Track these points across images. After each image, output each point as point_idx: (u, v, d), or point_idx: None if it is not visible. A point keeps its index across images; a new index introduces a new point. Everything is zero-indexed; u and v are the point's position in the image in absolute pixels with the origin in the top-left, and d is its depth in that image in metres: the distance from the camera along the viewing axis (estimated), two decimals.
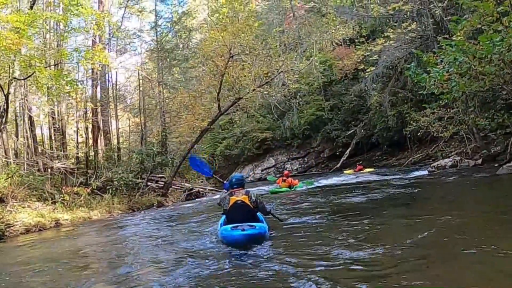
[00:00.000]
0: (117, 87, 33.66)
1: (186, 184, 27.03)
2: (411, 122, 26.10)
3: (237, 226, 7.52)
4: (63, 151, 22.16)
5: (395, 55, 30.58)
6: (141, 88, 34.47)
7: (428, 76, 14.07)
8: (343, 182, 22.69)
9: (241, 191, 8.32)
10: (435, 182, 16.36)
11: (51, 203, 17.35)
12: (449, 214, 7.92)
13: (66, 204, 17.45)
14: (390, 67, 33.41)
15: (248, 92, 22.27)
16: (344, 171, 34.10)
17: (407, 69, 15.15)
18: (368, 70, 33.35)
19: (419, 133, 27.31)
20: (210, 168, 12.58)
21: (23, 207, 15.90)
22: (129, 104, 40.19)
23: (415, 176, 19.90)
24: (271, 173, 46.23)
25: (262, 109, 45.41)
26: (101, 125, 27.96)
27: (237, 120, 49.44)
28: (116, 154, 29.74)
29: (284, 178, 22.12)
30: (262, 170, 48.22)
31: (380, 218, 8.96)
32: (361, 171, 30.87)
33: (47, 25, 19.63)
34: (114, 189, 20.45)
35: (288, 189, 20.99)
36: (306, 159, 47.78)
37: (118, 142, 31.76)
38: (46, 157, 20.72)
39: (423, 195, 12.88)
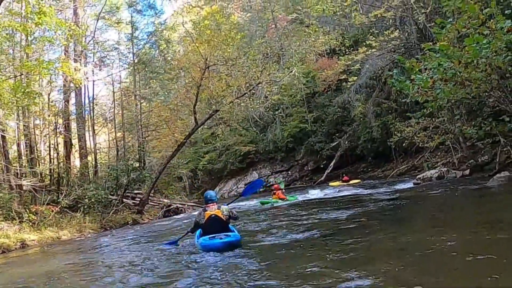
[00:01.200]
0: (94, 101, 32.67)
1: (164, 200, 26.05)
2: (395, 132, 25.65)
3: (214, 236, 8.65)
4: (31, 168, 21.02)
5: (378, 64, 30.06)
6: (117, 102, 33.64)
7: (411, 83, 13.29)
8: (325, 197, 21.88)
9: (214, 206, 9.29)
10: (420, 196, 15.33)
11: (19, 222, 16.38)
12: (434, 235, 7.12)
13: (33, 224, 16.49)
14: (374, 77, 33.13)
15: (226, 104, 21.46)
16: (330, 183, 33.55)
17: (389, 76, 14.36)
18: (351, 81, 32.86)
19: (404, 144, 26.73)
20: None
21: None
22: (108, 118, 39.24)
23: (399, 189, 18.95)
24: None
25: (245, 122, 44.97)
26: (75, 141, 27.06)
27: (219, 133, 48.84)
28: (93, 170, 28.79)
29: (275, 191, 22.80)
30: (245, 184, 47.25)
31: (361, 237, 8.09)
32: (348, 182, 31.03)
33: (7, 35, 18.48)
34: (86, 207, 19.40)
35: (278, 200, 21.63)
36: (290, 172, 47.22)
37: (95, 158, 30.59)
38: (14, 174, 19.61)
39: (407, 212, 11.81)
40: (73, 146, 26.08)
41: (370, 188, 23.04)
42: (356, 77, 33.10)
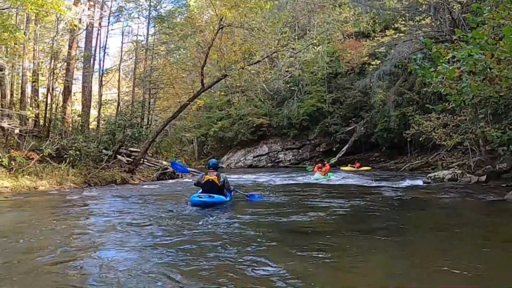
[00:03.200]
0: (105, 50, 31.32)
1: (163, 162, 24.90)
2: (413, 125, 24.32)
3: (202, 195, 10.90)
4: (18, 111, 19.71)
5: (404, 52, 28.61)
6: (130, 56, 32.58)
7: (435, 71, 11.91)
8: (329, 183, 20.58)
9: (214, 172, 11.38)
10: (428, 199, 13.24)
11: None
12: (442, 256, 5.85)
13: (10, 170, 15.42)
14: (399, 65, 31.67)
15: (236, 69, 20.19)
16: (341, 168, 32.90)
17: (412, 60, 12.99)
18: (374, 64, 31.50)
19: (420, 139, 25.47)
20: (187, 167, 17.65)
21: None
22: (121, 71, 38.18)
23: (408, 186, 17.35)
24: (262, 161, 46.33)
25: (262, 94, 43.95)
26: (78, 88, 25.95)
27: (235, 102, 47.74)
28: (96, 123, 27.59)
29: (323, 168, 24.85)
30: (254, 157, 46.82)
31: (336, 239, 6.91)
32: (359, 168, 31.78)
33: None
34: (71, 158, 18.18)
35: (325, 177, 23.26)
36: (301, 151, 46.50)
37: (99, 111, 29.29)
38: None
39: (414, 217, 10.05)
40: (71, 94, 24.64)
41: (379, 179, 21.86)
42: (379, 61, 31.99)
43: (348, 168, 33.25)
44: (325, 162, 26.56)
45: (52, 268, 5.14)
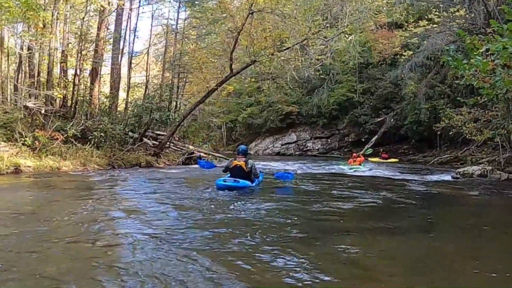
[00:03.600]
0: (136, 33, 31.18)
1: (190, 146, 24.87)
2: (443, 118, 24.00)
3: (227, 180, 11.26)
4: (45, 91, 19.66)
5: (437, 43, 28.12)
6: (160, 40, 32.53)
7: (468, 64, 11.62)
8: (354, 173, 20.35)
9: (242, 158, 11.75)
10: (458, 196, 12.76)
11: (21, 145, 15.43)
12: (470, 256, 5.66)
13: (34, 149, 15.51)
14: (431, 57, 31.13)
15: (265, 55, 20.00)
16: (369, 159, 32.52)
17: (446, 50, 12.69)
18: (406, 55, 31.17)
19: (451, 132, 25.02)
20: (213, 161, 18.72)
21: None
22: (152, 55, 38.19)
23: (436, 181, 16.86)
24: (290, 149, 46.07)
25: (292, 82, 43.84)
26: (107, 70, 25.96)
27: (265, 88, 47.56)
28: (124, 105, 27.63)
29: (356, 158, 24.98)
30: (282, 145, 46.71)
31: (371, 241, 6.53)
32: (387, 160, 31.73)
33: None
34: (96, 140, 18.21)
35: (360, 167, 23.40)
36: (329, 140, 46.33)
37: (127, 93, 29.20)
38: (24, 96, 18.38)
39: (442, 213, 9.44)
40: (98, 76, 24.59)
41: (407, 172, 21.57)
42: (411, 51, 31.81)
43: (376, 159, 32.81)
44: (360, 154, 27.08)
45: (73, 248, 5.17)
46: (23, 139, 15.70)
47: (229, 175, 11.64)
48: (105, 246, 5.31)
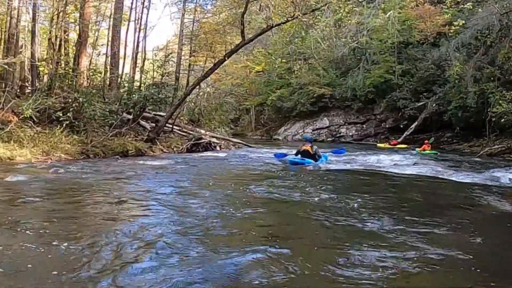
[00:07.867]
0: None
1: (201, 130, 21.92)
2: (501, 102, 22.08)
3: (296, 157, 15.98)
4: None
5: (486, 22, 25.07)
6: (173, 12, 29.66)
7: None
8: (384, 168, 16.91)
9: (308, 144, 16.38)
10: None
11: None
12: None
13: None
14: (478, 37, 28.26)
15: (287, 18, 17.08)
16: (378, 145, 33.19)
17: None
18: (452, 32, 28.78)
19: (502, 120, 21.82)
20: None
21: None
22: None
23: (496, 183, 12.41)
24: (322, 135, 43.52)
25: (325, 63, 40.91)
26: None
27: (296, 69, 44.85)
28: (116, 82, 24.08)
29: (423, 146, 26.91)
30: (313, 130, 43.94)
31: None
32: (395, 146, 31.42)
33: None
34: (68, 122, 15.04)
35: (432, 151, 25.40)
36: (364, 126, 43.41)
37: (134, 69, 25.26)
38: None
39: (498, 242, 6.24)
40: (87, 44, 21.05)
41: (452, 166, 17.52)
42: (458, 28, 28.35)
43: (383, 145, 32.26)
44: (426, 141, 27.94)
45: None
46: None
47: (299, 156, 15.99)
48: None
